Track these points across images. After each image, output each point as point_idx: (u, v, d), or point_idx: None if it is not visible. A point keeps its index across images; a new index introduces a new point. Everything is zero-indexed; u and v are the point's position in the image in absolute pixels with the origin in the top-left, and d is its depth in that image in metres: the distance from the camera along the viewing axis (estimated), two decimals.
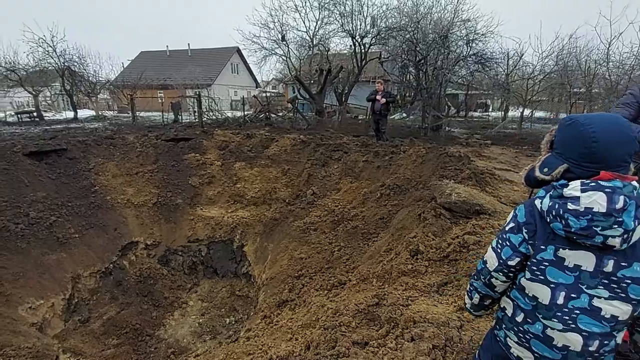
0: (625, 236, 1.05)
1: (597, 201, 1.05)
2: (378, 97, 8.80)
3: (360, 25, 15.27)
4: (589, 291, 1.11)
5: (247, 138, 9.69)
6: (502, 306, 1.35)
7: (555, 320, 1.14)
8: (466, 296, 1.49)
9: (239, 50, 30.98)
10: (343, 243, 5.60)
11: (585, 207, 1.06)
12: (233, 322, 6.59)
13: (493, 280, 1.30)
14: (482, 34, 13.03)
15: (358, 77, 16.31)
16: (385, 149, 7.47)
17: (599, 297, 1.10)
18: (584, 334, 1.12)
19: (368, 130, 12.75)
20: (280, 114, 15.79)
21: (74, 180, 7.87)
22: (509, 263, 1.23)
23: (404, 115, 16.38)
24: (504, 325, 1.33)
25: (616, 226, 1.04)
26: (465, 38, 13.25)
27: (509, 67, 13.58)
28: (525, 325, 1.22)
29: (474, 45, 13.22)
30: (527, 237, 1.19)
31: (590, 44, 22.87)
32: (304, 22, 17.09)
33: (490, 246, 1.33)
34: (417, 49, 12.58)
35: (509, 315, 1.29)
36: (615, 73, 13.00)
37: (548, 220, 1.14)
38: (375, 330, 2.28)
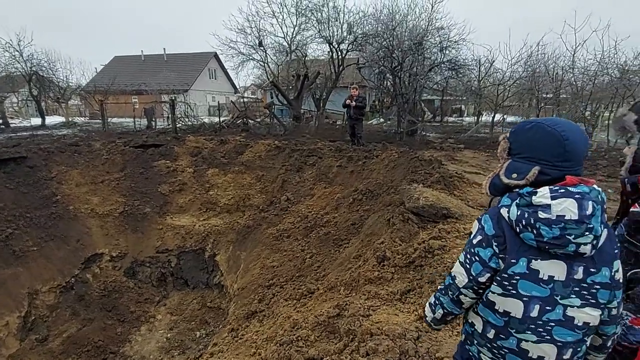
0: (595, 242, 1.05)
1: (568, 208, 1.03)
2: (349, 101, 8.85)
3: (337, 31, 15.40)
4: (562, 301, 1.09)
5: (221, 144, 9.47)
6: (470, 321, 1.28)
7: (529, 332, 1.11)
8: (428, 309, 1.39)
9: (216, 56, 30.56)
10: (315, 250, 5.49)
11: (557, 215, 1.03)
12: (204, 336, 6.32)
13: (462, 297, 1.24)
14: (455, 42, 13.34)
15: (335, 83, 16.36)
16: (359, 153, 7.45)
17: (572, 306, 1.09)
18: (558, 344, 1.11)
19: (345, 136, 12.76)
20: (259, 119, 15.61)
21: (34, 189, 7.43)
22: (480, 279, 1.16)
23: (381, 120, 16.52)
24: (475, 342, 1.26)
25: (587, 233, 1.03)
26: (439, 45, 13.53)
27: (481, 74, 13.95)
28: (499, 341, 1.16)
29: (447, 52, 13.51)
30: (497, 251, 1.12)
31: (557, 51, 23.94)
32: (281, 28, 17.04)
33: (458, 261, 1.25)
34: (393, 55, 12.73)
35: (479, 331, 1.23)
36: (581, 79, 13.57)
37: (518, 230, 1.09)
38: (333, 343, 2.17)
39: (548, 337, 1.10)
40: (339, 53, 15.59)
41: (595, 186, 1.09)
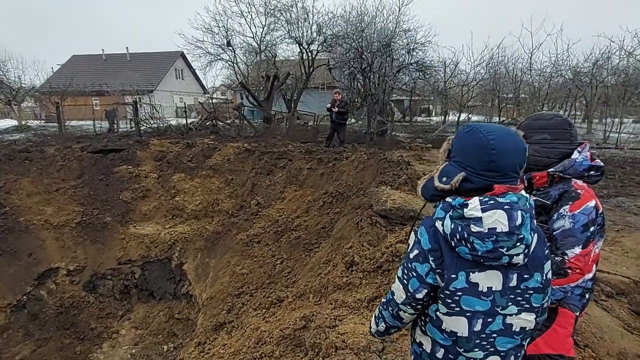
0: (527, 251, 1.05)
1: (498, 220, 1.01)
2: (330, 106, 9.19)
3: (307, 32, 15.34)
4: (502, 312, 1.09)
5: (188, 147, 9.13)
6: (418, 341, 1.24)
7: (476, 349, 1.10)
8: (373, 321, 1.36)
9: (183, 55, 29.62)
10: (285, 255, 5.39)
11: (488, 229, 1.01)
12: (172, 349, 6.05)
13: (401, 313, 1.21)
14: (422, 43, 13.67)
15: (306, 84, 16.30)
16: (329, 155, 7.42)
17: (510, 315, 1.09)
18: (501, 354, 1.12)
19: (317, 137, 12.74)
20: (228, 121, 15.24)
21: None
22: (417, 296, 1.13)
23: (353, 120, 16.65)
24: None
25: (519, 244, 1.02)
26: (406, 47, 13.81)
27: (446, 75, 14.38)
28: None
29: (414, 53, 13.82)
30: (434, 266, 1.09)
31: (516, 53, 25.17)
32: (250, 28, 16.79)
33: (397, 276, 1.20)
34: (363, 56, 12.85)
35: (428, 351, 1.19)
36: (538, 80, 14.35)
37: (453, 244, 1.06)
38: (298, 358, 2.10)
39: (492, 349, 1.11)
40: (309, 54, 15.54)
41: (522, 192, 1.08)
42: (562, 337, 1.54)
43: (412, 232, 1.18)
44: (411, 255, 1.13)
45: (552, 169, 1.60)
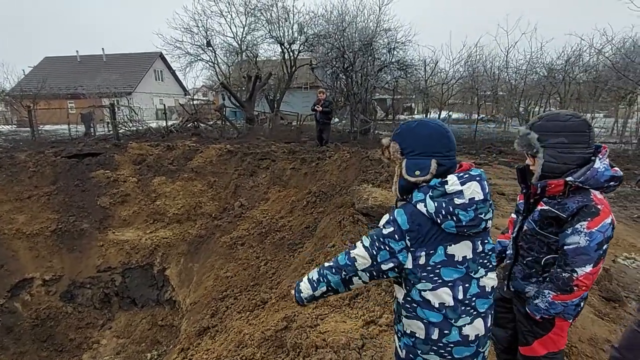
0: (492, 216, 1.22)
1: (475, 190, 1.15)
2: (317, 107, 9.14)
3: (288, 32, 15.25)
4: (475, 275, 1.21)
5: (168, 150, 8.94)
6: (408, 332, 1.27)
7: (464, 315, 1.19)
8: (306, 285, 1.39)
9: (162, 56, 29.02)
10: (270, 256, 5.35)
11: (469, 199, 1.13)
12: (155, 357, 5.91)
13: (355, 278, 1.28)
14: (402, 43, 13.82)
15: (289, 84, 16.22)
16: (312, 155, 7.41)
17: (481, 277, 1.22)
18: (482, 315, 1.22)
19: (300, 137, 12.70)
20: (210, 122, 14.99)
21: None
22: (383, 267, 1.21)
23: (336, 120, 16.69)
24: (419, 351, 1.25)
25: (489, 209, 1.19)
26: (387, 46, 13.93)
27: (427, 73, 14.59)
28: (443, 338, 1.21)
29: (395, 52, 13.96)
30: (409, 245, 1.18)
31: (493, 52, 25.82)
32: (230, 28, 16.60)
33: (362, 245, 1.26)
34: (345, 56, 12.88)
35: (422, 337, 1.24)
36: (514, 77, 14.74)
37: (439, 220, 1.14)
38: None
39: (475, 313, 1.21)
40: (291, 54, 15.47)
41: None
42: (557, 339, 1.57)
43: (387, 214, 1.25)
44: (384, 232, 1.19)
45: (570, 178, 1.44)
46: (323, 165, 6.87)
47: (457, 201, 1.12)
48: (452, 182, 1.15)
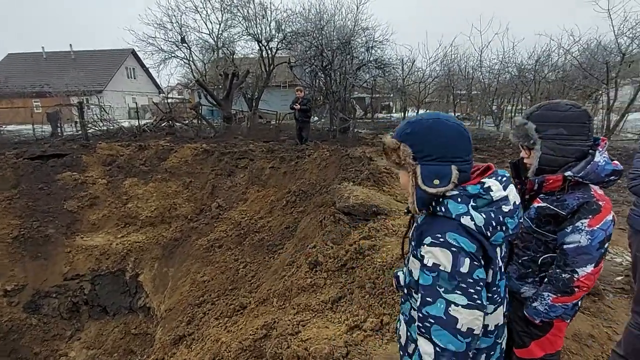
0: None
1: (514, 194, 1.05)
2: (295, 105, 9.05)
3: (265, 29, 14.99)
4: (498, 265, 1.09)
5: (140, 150, 8.56)
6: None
7: (489, 304, 1.05)
8: None
9: (135, 53, 27.94)
10: (249, 258, 5.18)
11: (513, 204, 1.03)
12: None
13: (476, 341, 1.01)
14: (380, 42, 13.88)
15: (267, 82, 15.97)
16: (291, 153, 7.27)
17: (500, 263, 1.10)
18: (505, 300, 1.13)
19: (279, 135, 12.53)
20: (186, 121, 14.53)
21: None
22: (485, 303, 0.99)
23: (316, 118, 16.60)
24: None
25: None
26: (365, 45, 13.95)
27: (404, 72, 14.74)
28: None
29: (373, 51, 14.00)
30: (483, 263, 1.00)
31: (467, 52, 26.48)
32: (205, 24, 16.10)
33: (465, 309, 0.95)
34: (323, 54, 12.79)
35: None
36: (488, 77, 15.13)
37: (489, 234, 0.98)
38: None
39: (499, 300, 1.09)
40: (269, 51, 15.22)
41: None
42: (555, 340, 1.52)
43: (442, 248, 0.97)
44: (463, 269, 0.94)
45: (569, 173, 1.36)
46: (303, 164, 6.75)
47: (505, 208, 1.00)
48: (496, 187, 1.00)
